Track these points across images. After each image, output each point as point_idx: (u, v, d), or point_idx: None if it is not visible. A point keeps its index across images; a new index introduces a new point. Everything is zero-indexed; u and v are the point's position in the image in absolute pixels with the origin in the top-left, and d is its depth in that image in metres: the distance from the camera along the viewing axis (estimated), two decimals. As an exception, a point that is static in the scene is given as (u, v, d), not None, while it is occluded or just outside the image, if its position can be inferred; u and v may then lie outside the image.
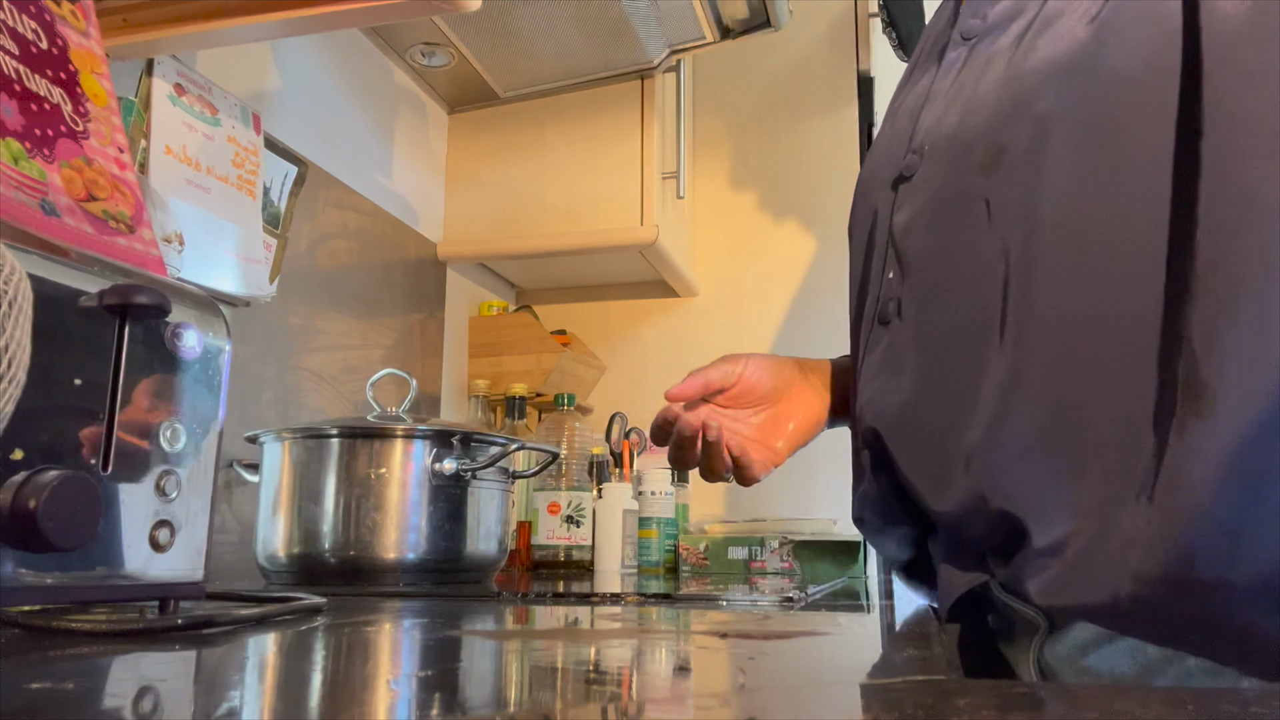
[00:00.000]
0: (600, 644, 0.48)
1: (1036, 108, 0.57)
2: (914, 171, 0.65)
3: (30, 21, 0.61)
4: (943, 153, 0.63)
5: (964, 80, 0.64)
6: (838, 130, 1.84)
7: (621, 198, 1.61)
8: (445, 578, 0.97)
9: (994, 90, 0.61)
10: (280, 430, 0.98)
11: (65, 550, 0.45)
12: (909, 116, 0.69)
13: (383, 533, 0.94)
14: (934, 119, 0.66)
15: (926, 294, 0.63)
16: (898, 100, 0.76)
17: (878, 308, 0.67)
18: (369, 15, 0.90)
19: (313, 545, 0.94)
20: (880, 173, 0.70)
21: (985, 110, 0.61)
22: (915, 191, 0.65)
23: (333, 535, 0.94)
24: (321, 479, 0.95)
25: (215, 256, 1.09)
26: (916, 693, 0.32)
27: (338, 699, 0.32)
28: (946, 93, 0.66)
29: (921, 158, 0.65)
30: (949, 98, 0.65)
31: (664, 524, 1.44)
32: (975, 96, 0.62)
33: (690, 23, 1.49)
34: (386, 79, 1.54)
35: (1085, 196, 0.55)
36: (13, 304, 0.39)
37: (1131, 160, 0.53)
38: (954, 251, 0.61)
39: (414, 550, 0.95)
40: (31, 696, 0.30)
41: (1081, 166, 0.55)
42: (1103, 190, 0.54)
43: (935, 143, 0.64)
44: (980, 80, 0.62)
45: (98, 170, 0.61)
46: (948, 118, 0.64)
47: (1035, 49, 0.59)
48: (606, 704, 0.31)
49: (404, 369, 1.17)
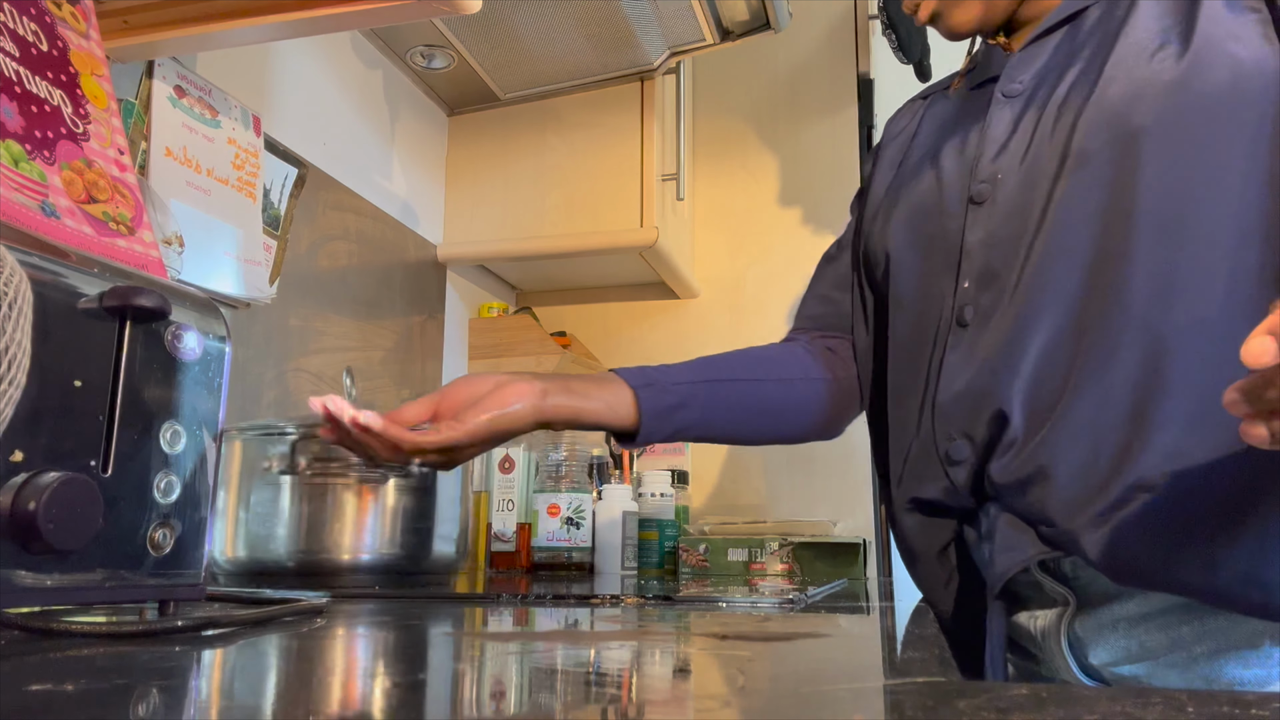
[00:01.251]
0: (600, 646, 0.48)
1: (1128, 123, 0.67)
2: (985, 197, 0.75)
3: (31, 23, 0.61)
4: (1020, 176, 0.74)
5: (1026, 124, 0.75)
6: (837, 132, 1.84)
7: (621, 199, 1.61)
8: (404, 579, 0.98)
9: (1070, 121, 0.71)
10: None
11: (65, 552, 0.45)
12: (961, 160, 0.79)
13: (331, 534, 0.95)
14: (1002, 155, 0.76)
15: (1012, 291, 0.71)
16: (916, 155, 0.86)
17: (954, 314, 0.75)
18: (369, 17, 0.90)
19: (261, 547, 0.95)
20: (937, 207, 0.80)
21: (1061, 136, 0.71)
22: (990, 212, 0.75)
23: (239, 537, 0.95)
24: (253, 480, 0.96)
25: (215, 258, 1.09)
26: (916, 694, 0.32)
27: (339, 700, 0.32)
28: (1008, 136, 0.76)
29: (994, 185, 0.75)
30: (1017, 138, 0.75)
31: (664, 526, 1.44)
32: (1047, 131, 0.73)
33: (690, 24, 1.49)
34: (387, 81, 1.54)
35: (1179, 193, 0.65)
36: (13, 306, 0.39)
37: (1226, 162, 0.64)
38: (1037, 249, 0.70)
39: (369, 551, 0.95)
40: (31, 698, 0.30)
41: (1176, 168, 0.65)
42: (1197, 187, 0.65)
43: (1008, 173, 0.75)
44: (1047, 119, 0.73)
45: (98, 172, 0.61)
46: (1018, 151, 0.75)
47: (1114, 82, 0.69)
48: (606, 706, 0.31)
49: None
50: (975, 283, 0.74)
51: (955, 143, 0.81)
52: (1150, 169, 0.66)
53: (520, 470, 1.48)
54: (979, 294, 0.74)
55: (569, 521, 1.40)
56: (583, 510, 1.41)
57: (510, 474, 1.48)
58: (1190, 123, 0.66)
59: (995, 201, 0.75)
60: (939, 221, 0.79)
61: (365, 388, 1.42)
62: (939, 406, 0.75)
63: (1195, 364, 0.63)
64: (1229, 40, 0.66)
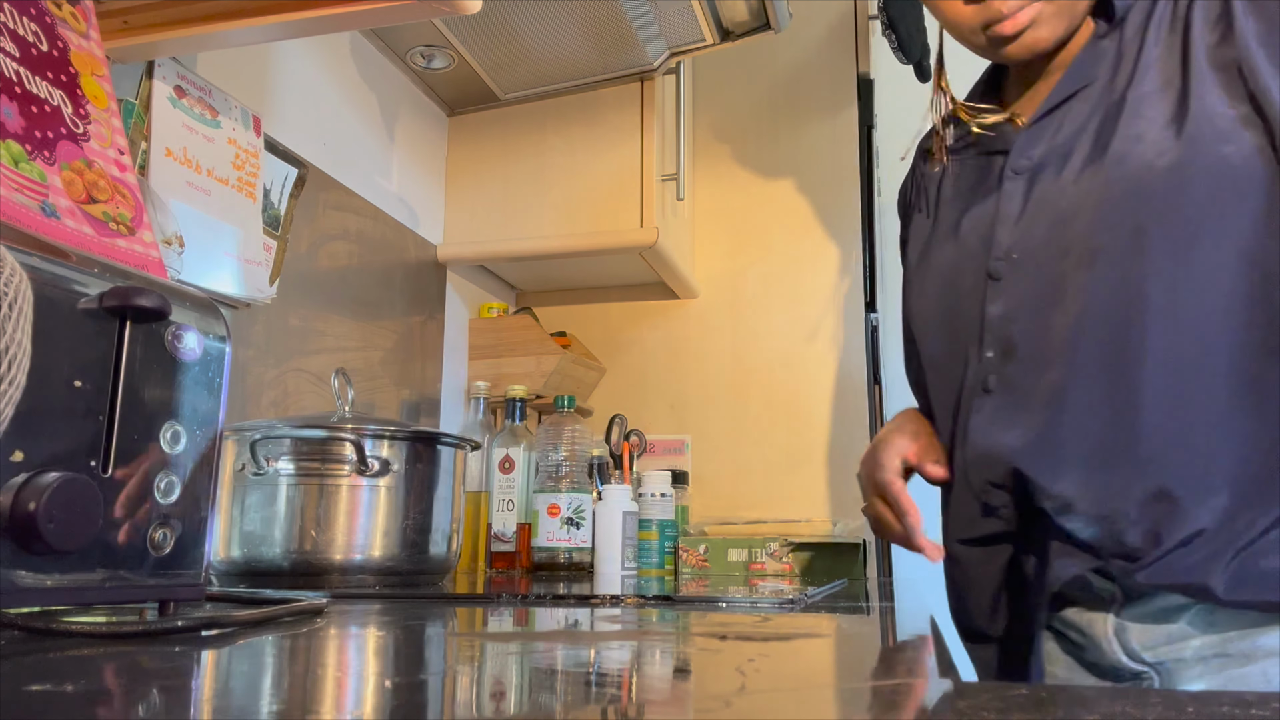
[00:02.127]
0: (600, 646, 0.48)
1: (1133, 219, 0.74)
2: (1002, 274, 0.83)
3: (31, 24, 0.61)
4: (1035, 257, 0.81)
5: (1036, 202, 0.82)
6: (837, 132, 1.84)
7: (621, 200, 1.61)
8: (399, 579, 0.98)
9: (1077, 206, 0.78)
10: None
11: (65, 552, 0.45)
12: (978, 235, 0.86)
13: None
14: (1017, 233, 0.82)
15: (1032, 364, 0.79)
16: (939, 227, 0.93)
17: (981, 380, 0.83)
18: (369, 17, 0.90)
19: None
20: (959, 279, 0.87)
21: (1072, 223, 0.78)
22: (1009, 288, 0.82)
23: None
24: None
25: (215, 258, 1.09)
26: (916, 694, 0.32)
27: (339, 700, 0.32)
28: (1020, 213, 0.83)
29: (1010, 263, 0.82)
30: (1029, 216, 0.82)
31: (664, 526, 1.44)
32: (1058, 214, 0.80)
33: (690, 25, 1.49)
34: (387, 81, 1.54)
35: (1181, 281, 0.73)
36: (13, 306, 0.39)
37: (1219, 248, 0.72)
38: (1057, 330, 0.78)
39: (361, 551, 0.95)
40: (31, 698, 0.30)
41: (1177, 258, 0.73)
42: (1197, 275, 0.73)
43: (1025, 251, 0.81)
44: (1056, 200, 0.80)
45: (98, 172, 0.61)
46: (1034, 230, 0.81)
47: (1117, 172, 0.76)
48: (606, 706, 0.31)
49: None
50: (998, 354, 0.82)
51: (973, 216, 0.88)
52: (1153, 262, 0.74)
53: (520, 470, 1.48)
54: (1001, 364, 0.82)
55: (569, 522, 1.40)
56: (583, 510, 1.41)
57: (510, 474, 1.48)
58: (1188, 218, 0.73)
59: (1012, 278, 0.82)
60: (961, 294, 0.87)
61: (365, 388, 1.42)
62: (970, 464, 0.84)
63: (1201, 424, 0.73)
64: (1219, 143, 0.73)
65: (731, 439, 1.77)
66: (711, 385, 1.79)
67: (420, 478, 1.00)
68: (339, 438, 0.96)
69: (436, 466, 1.02)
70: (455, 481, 1.06)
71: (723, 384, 1.79)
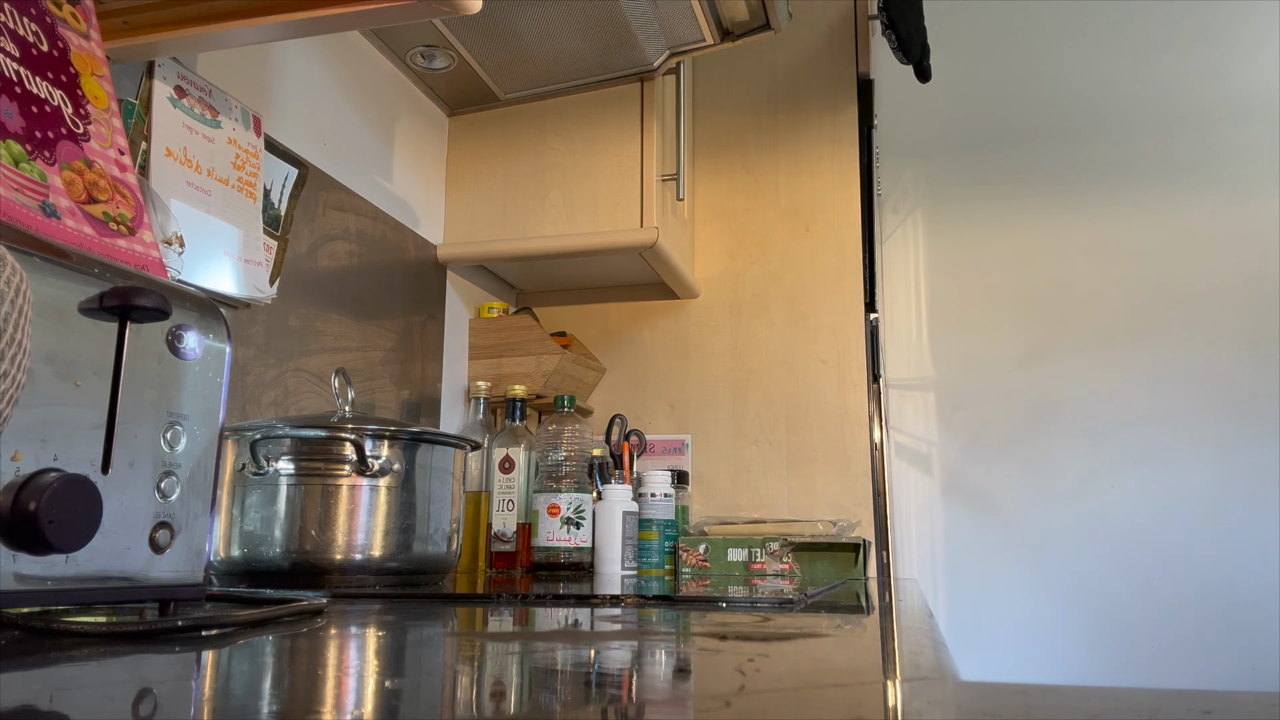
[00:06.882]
0: (600, 646, 0.48)
1: None
2: None
3: (31, 24, 0.61)
4: None
5: None
6: (838, 132, 1.84)
7: (621, 200, 1.61)
8: (398, 579, 0.98)
9: None
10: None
11: (65, 552, 0.45)
12: None
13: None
14: None
15: None
16: None
17: None
18: (369, 18, 0.90)
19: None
20: None
21: None
22: None
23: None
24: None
25: (215, 258, 1.09)
26: (916, 694, 0.32)
27: (340, 700, 0.32)
28: None
29: None
30: None
31: (664, 526, 1.44)
32: None
33: (690, 25, 1.49)
34: (387, 81, 1.54)
35: None
36: (14, 305, 0.39)
37: None
38: None
39: (361, 551, 0.95)
40: (31, 698, 0.30)
41: None
42: None
43: None
44: None
45: (98, 172, 0.61)
46: None
47: None
48: (606, 706, 0.31)
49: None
50: None
51: None
52: None
53: (520, 470, 1.48)
54: None
55: (569, 521, 1.40)
56: (583, 510, 1.41)
57: (510, 474, 1.48)
58: None
59: None
60: None
61: (365, 388, 1.42)
62: None
63: None
64: None
65: (731, 439, 1.77)
66: (711, 385, 1.80)
67: (420, 478, 1.00)
68: (339, 438, 0.96)
69: (437, 466, 1.02)
70: (455, 481, 1.06)
71: (723, 384, 1.79)
